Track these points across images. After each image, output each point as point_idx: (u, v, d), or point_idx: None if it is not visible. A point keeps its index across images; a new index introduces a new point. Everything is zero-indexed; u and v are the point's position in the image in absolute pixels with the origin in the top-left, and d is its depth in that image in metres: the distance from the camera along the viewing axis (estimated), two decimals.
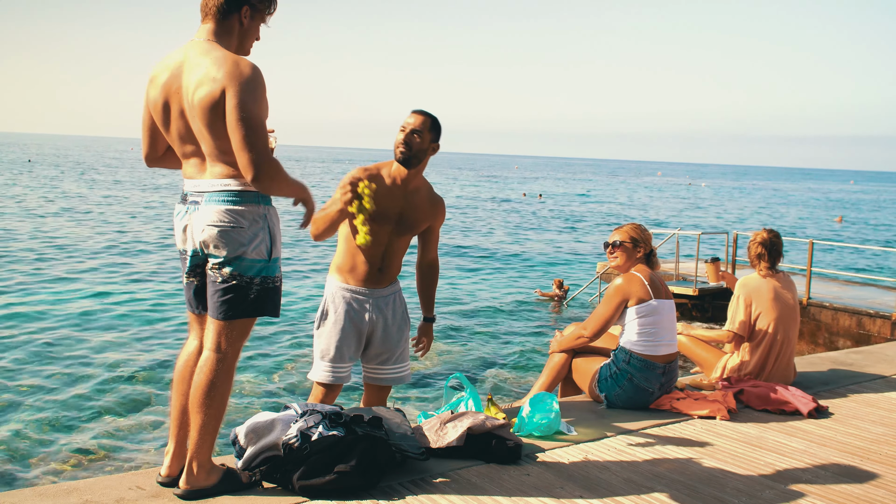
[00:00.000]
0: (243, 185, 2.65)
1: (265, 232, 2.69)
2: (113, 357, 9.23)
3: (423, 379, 8.89)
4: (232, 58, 2.58)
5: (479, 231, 27.91)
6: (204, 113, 2.57)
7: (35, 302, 12.12)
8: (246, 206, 2.65)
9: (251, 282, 2.68)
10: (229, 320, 2.70)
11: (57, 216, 25.22)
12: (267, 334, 10.43)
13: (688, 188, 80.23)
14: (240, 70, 2.54)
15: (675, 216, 40.26)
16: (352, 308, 3.47)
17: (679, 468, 3.38)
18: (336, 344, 3.46)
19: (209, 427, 2.72)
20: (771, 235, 4.86)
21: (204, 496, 2.78)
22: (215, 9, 2.69)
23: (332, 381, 3.48)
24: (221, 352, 2.71)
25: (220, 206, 2.64)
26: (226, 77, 2.53)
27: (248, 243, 2.66)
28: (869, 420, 4.26)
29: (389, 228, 3.43)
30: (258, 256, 2.68)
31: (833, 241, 18.16)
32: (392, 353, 3.57)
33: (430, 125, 3.42)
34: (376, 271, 3.48)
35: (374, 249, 3.43)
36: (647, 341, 4.16)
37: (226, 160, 2.63)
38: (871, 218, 45.92)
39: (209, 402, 2.70)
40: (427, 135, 3.41)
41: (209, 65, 2.57)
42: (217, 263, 2.68)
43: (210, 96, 2.54)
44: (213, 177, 2.66)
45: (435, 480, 3.09)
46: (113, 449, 6.43)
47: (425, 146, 3.42)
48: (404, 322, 3.61)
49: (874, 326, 10.00)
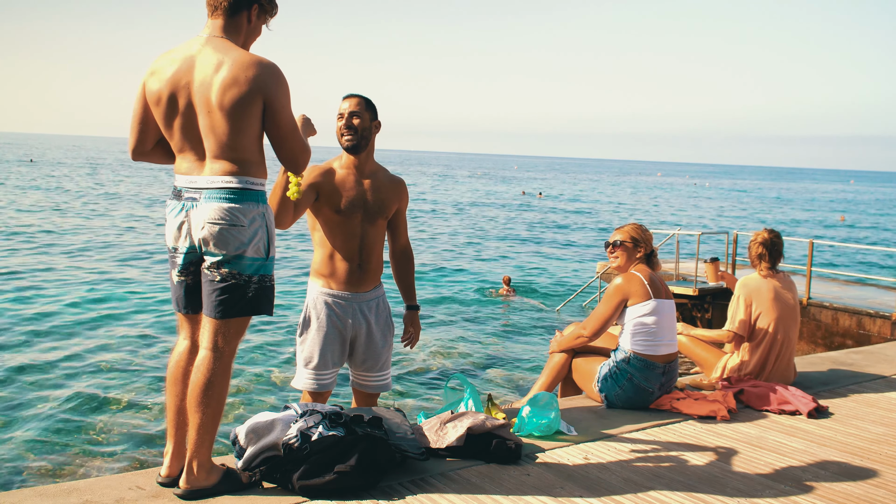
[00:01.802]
0: (244, 183, 2.66)
1: (263, 230, 2.70)
2: (112, 357, 9.23)
3: (423, 379, 8.89)
4: (260, 59, 2.63)
5: (479, 231, 27.90)
6: (232, 113, 2.59)
7: (35, 302, 12.12)
8: (246, 205, 2.65)
9: (249, 280, 2.69)
10: (226, 319, 2.70)
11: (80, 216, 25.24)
12: (266, 333, 10.43)
13: (694, 187, 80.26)
14: (276, 75, 2.63)
15: (676, 216, 40.26)
16: (334, 313, 3.44)
17: (679, 468, 3.38)
18: (319, 351, 3.44)
19: (208, 426, 2.72)
20: (772, 235, 4.86)
21: (204, 496, 2.78)
22: (226, 3, 2.71)
23: (316, 388, 3.46)
24: (218, 350, 2.71)
25: (220, 203, 2.63)
26: (262, 81, 2.59)
27: (248, 242, 2.66)
28: (869, 420, 4.26)
29: (359, 217, 3.41)
30: (256, 255, 2.69)
31: (836, 242, 18.11)
32: (377, 359, 3.53)
33: (365, 105, 3.44)
34: (356, 269, 3.43)
35: (350, 243, 3.41)
36: (647, 341, 4.16)
37: (231, 157, 2.64)
38: (872, 217, 45.91)
39: (207, 401, 2.69)
40: (366, 114, 3.42)
41: (234, 64, 2.59)
42: (215, 262, 2.68)
43: (243, 98, 2.58)
44: (212, 173, 2.65)
45: (435, 480, 3.09)
46: (113, 449, 6.42)
47: (368, 125, 3.43)
48: (388, 327, 3.57)
49: (874, 326, 10.00)
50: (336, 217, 3.40)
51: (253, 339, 10.07)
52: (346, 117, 3.40)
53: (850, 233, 35.10)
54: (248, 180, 2.66)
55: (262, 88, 2.59)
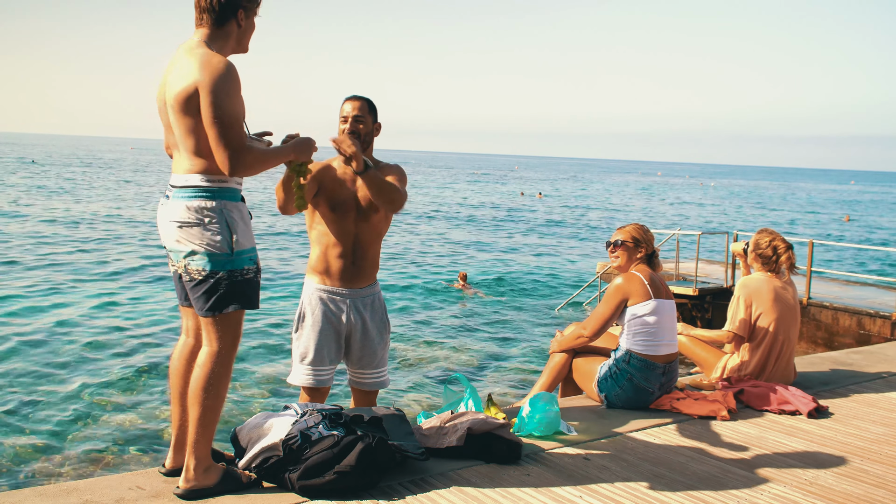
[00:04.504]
0: (206, 180, 2.71)
1: (222, 226, 2.71)
2: (112, 357, 9.23)
3: (423, 379, 8.89)
4: (207, 55, 2.66)
5: (479, 231, 27.90)
6: (176, 109, 2.67)
7: (34, 302, 12.12)
8: (203, 202, 2.70)
9: (217, 276, 2.71)
10: (209, 316, 2.74)
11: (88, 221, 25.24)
12: (268, 333, 10.44)
13: (699, 188, 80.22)
14: (212, 66, 2.62)
15: (678, 216, 40.26)
16: (329, 309, 3.45)
17: (679, 468, 3.38)
18: (315, 346, 3.45)
19: (206, 421, 2.74)
20: (786, 245, 4.82)
21: (203, 496, 2.79)
22: (210, 18, 2.75)
23: (313, 384, 3.47)
24: (213, 347, 2.76)
25: (181, 201, 2.71)
26: (198, 73, 2.61)
27: (205, 239, 2.70)
28: (869, 420, 4.26)
29: (353, 215, 3.42)
30: (217, 251, 2.71)
31: (842, 243, 18.10)
32: (373, 356, 3.53)
33: (368, 108, 3.44)
34: (350, 265, 3.45)
35: (344, 240, 3.43)
36: (647, 341, 4.16)
37: (193, 155, 2.71)
38: (883, 218, 45.86)
39: (205, 396, 2.73)
40: (369, 118, 3.43)
41: (187, 62, 2.67)
42: (181, 260, 2.75)
43: (183, 92, 2.64)
44: (180, 172, 2.74)
45: (435, 480, 3.09)
46: (113, 449, 6.42)
47: (370, 129, 3.44)
48: (384, 325, 3.58)
49: (874, 326, 10.00)
50: (331, 214, 3.42)
51: (255, 339, 10.08)
52: (350, 122, 3.40)
53: (856, 233, 35.08)
54: (207, 178, 2.71)
55: (198, 80, 2.62)
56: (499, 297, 14.85)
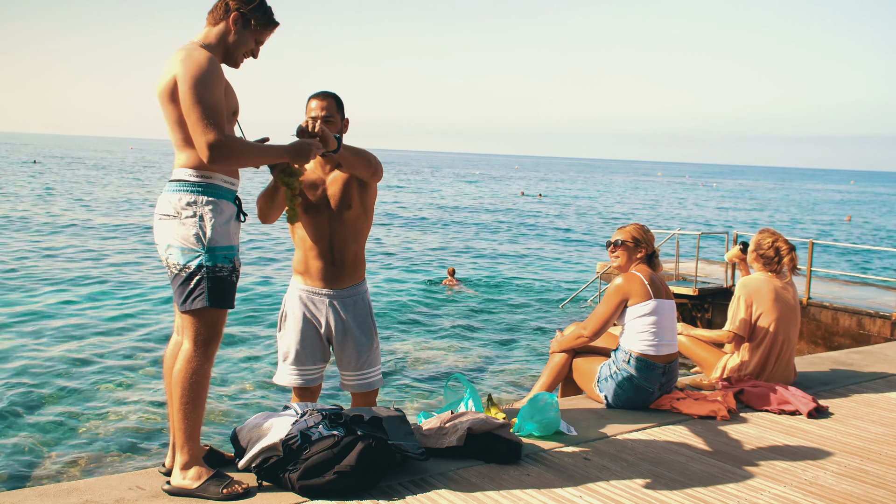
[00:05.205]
0: (191, 174, 2.74)
1: (196, 221, 2.72)
2: (112, 357, 9.23)
3: (423, 379, 8.89)
4: (191, 49, 2.71)
5: (479, 231, 27.90)
6: (162, 101, 2.72)
7: (34, 302, 12.13)
8: (183, 196, 2.73)
9: (189, 271, 2.73)
10: (184, 311, 2.76)
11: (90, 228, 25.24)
12: (266, 333, 10.44)
13: (700, 188, 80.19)
14: (192, 58, 2.66)
15: (679, 216, 40.26)
16: (308, 309, 3.43)
17: (679, 468, 3.38)
18: (296, 346, 3.44)
19: (188, 418, 2.76)
20: (789, 247, 4.82)
21: (188, 496, 2.79)
22: (210, 17, 2.84)
23: (297, 383, 3.47)
24: (188, 344, 2.78)
25: (165, 195, 2.78)
26: (178, 65, 2.66)
27: (180, 233, 2.73)
28: (869, 420, 4.26)
29: (326, 216, 3.37)
30: (190, 245, 2.72)
31: (838, 242, 18.11)
32: (357, 357, 3.46)
33: (336, 105, 3.32)
34: (329, 266, 3.40)
35: (321, 241, 3.39)
36: (647, 341, 4.16)
37: (180, 149, 2.76)
38: (883, 218, 45.84)
39: (181, 392, 2.75)
40: (337, 116, 3.32)
41: (174, 57, 2.72)
42: (164, 253, 2.78)
43: (166, 84, 2.69)
44: (175, 166, 2.80)
45: (435, 480, 3.09)
46: (113, 449, 6.43)
47: (339, 127, 3.32)
48: (368, 326, 3.49)
49: (874, 326, 10.00)
50: (305, 216, 3.39)
51: (254, 339, 10.08)
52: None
53: (858, 233, 35.07)
54: (192, 172, 2.74)
55: (176, 71, 2.66)
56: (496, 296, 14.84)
